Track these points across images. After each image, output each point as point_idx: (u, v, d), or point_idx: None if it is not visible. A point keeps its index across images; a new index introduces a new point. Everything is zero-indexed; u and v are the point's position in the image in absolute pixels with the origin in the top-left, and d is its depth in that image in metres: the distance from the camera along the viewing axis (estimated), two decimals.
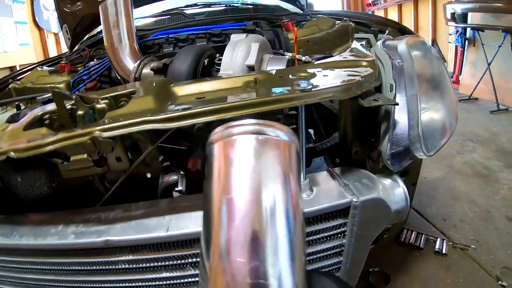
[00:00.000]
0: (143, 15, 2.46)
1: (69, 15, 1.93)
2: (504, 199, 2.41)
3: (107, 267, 0.84)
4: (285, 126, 0.55)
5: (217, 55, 1.29)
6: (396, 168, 0.91)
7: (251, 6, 2.32)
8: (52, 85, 1.60)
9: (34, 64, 2.12)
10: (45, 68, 1.84)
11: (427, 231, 2.08)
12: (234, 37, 1.24)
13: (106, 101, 0.88)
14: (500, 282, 1.70)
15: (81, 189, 0.96)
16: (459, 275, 1.76)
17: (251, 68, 1.10)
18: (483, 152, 3.14)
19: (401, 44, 1.09)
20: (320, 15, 2.13)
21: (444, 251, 1.90)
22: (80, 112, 0.82)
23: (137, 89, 0.91)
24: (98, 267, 0.84)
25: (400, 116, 0.88)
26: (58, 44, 6.13)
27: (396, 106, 0.89)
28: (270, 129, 0.52)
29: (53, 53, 6.07)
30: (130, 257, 0.82)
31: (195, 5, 2.33)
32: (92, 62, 1.79)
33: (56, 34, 6.00)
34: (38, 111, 0.90)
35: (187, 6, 2.32)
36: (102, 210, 0.88)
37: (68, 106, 0.84)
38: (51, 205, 0.98)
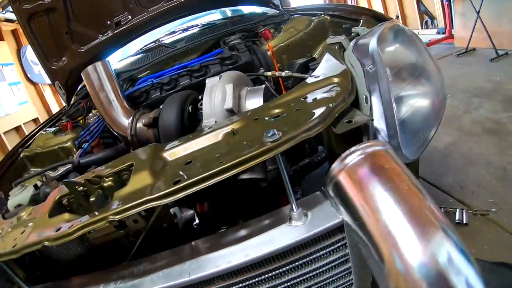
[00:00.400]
0: (127, 54, 2.53)
1: (58, 71, 2.01)
2: None
3: None
4: (375, 140, 0.71)
5: (200, 97, 1.35)
6: None
7: (228, 20, 2.35)
8: (60, 146, 1.72)
9: (37, 127, 2.21)
10: (48, 130, 1.93)
11: (445, 203, 2.09)
12: (208, 82, 1.30)
13: (111, 178, 1.00)
14: None
15: (111, 245, 1.06)
16: (483, 243, 1.77)
17: (230, 111, 1.17)
18: (490, 106, 3.10)
19: (372, 43, 1.08)
20: (295, 15, 2.15)
21: (465, 221, 1.91)
22: (92, 199, 0.93)
23: (134, 161, 1.02)
24: None
25: (379, 126, 0.91)
26: (55, 94, 6.32)
27: (375, 114, 0.93)
28: (370, 148, 0.68)
29: (52, 104, 6.24)
30: None
31: (174, 32, 2.38)
32: (91, 114, 1.88)
33: (51, 85, 6.28)
34: (56, 194, 1.04)
35: (166, 35, 2.38)
36: (133, 265, 1.00)
37: (80, 189, 0.96)
38: (87, 263, 1.10)
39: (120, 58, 2.55)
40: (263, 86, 1.25)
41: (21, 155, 1.78)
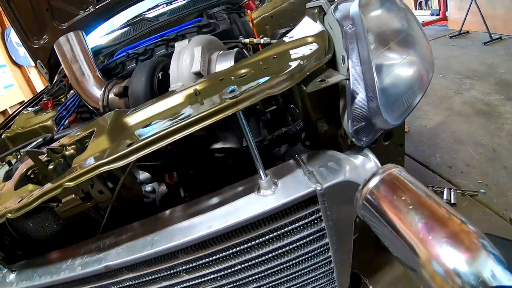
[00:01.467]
0: (110, 29, 2.46)
1: (39, 50, 1.97)
2: (509, 134, 2.33)
3: (114, 287, 0.95)
4: (389, 164, 0.73)
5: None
6: (366, 143, 0.87)
7: None
8: (41, 125, 1.68)
9: (20, 107, 2.17)
10: (30, 109, 1.90)
11: (433, 182, 2.05)
12: (177, 45, 1.24)
13: (73, 146, 0.97)
14: None
15: (84, 220, 1.05)
16: None
17: (198, 74, 1.10)
18: (482, 88, 3.04)
19: (354, 5, 1.01)
20: None
21: (452, 201, 1.86)
22: (51, 167, 0.91)
23: (95, 128, 0.98)
24: None
25: (358, 88, 0.83)
26: (41, 76, 6.22)
27: (353, 75, 0.85)
28: (387, 171, 0.70)
29: (38, 86, 6.13)
30: (131, 275, 0.91)
31: (156, 6, 2.32)
32: (72, 91, 1.83)
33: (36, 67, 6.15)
34: (23, 167, 1.01)
35: (149, 9, 2.31)
36: (100, 238, 0.98)
37: (44, 159, 0.94)
38: (64, 239, 1.08)
39: (103, 34, 2.48)
40: (235, 50, 1.18)
41: (2, 136, 1.75)
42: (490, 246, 0.57)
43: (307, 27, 1.03)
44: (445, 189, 1.94)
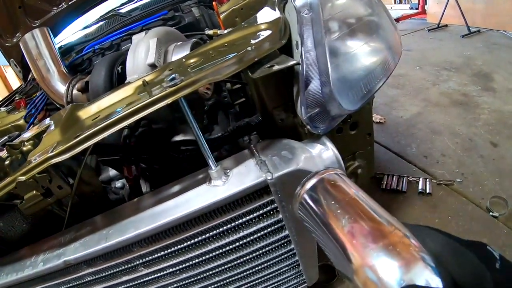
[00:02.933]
0: (83, 25, 2.43)
1: (13, 48, 1.94)
2: (486, 124, 2.35)
3: (76, 282, 0.95)
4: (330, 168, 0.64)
5: None
6: (323, 130, 0.85)
7: None
8: (13, 124, 1.65)
9: None
10: (3, 109, 1.88)
11: (409, 172, 2.05)
12: (134, 38, 1.25)
13: (31, 141, 0.96)
14: (491, 213, 1.66)
15: (51, 217, 1.05)
16: (447, 213, 1.73)
17: (152, 66, 1.08)
18: (459, 79, 3.06)
19: None
20: None
21: (428, 191, 1.87)
22: (7, 163, 0.91)
23: (52, 122, 0.98)
24: (70, 284, 0.96)
25: (312, 73, 0.82)
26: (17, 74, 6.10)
27: (308, 63, 0.83)
28: (325, 173, 0.62)
29: (15, 85, 6.04)
30: (90, 270, 0.91)
31: (130, 1, 2.31)
32: (38, 93, 1.79)
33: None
34: None
35: (122, 5, 2.29)
36: (61, 234, 0.98)
37: (5, 155, 0.94)
38: (34, 237, 1.07)
39: (75, 30, 2.45)
40: (192, 40, 1.16)
41: None
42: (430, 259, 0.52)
43: (265, 15, 1.02)
44: (421, 179, 1.94)
